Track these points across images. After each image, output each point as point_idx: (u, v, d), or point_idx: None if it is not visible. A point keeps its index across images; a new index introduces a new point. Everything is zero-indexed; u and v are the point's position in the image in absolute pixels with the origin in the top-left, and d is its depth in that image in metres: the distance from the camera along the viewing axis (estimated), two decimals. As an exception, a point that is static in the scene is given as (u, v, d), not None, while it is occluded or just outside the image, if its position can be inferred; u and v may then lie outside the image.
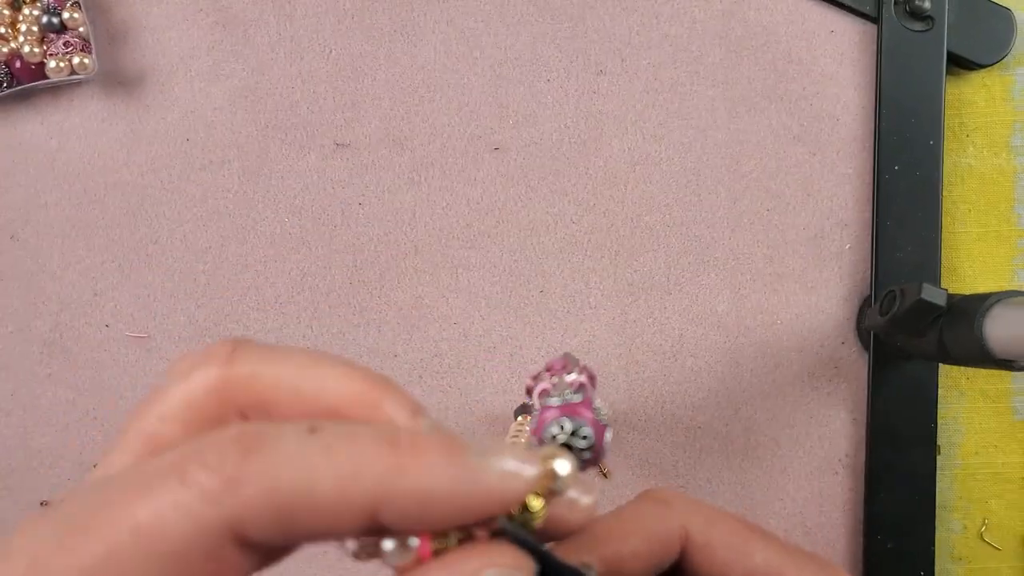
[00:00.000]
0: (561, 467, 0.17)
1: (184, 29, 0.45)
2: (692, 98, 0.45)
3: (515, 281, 0.45)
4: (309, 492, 0.15)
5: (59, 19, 0.43)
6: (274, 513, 0.15)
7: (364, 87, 0.45)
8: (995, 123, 0.45)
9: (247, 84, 0.45)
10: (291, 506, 0.15)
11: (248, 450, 0.15)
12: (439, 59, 0.45)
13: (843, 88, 0.45)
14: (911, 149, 0.43)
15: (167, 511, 0.15)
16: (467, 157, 0.45)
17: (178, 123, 0.45)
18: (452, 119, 0.45)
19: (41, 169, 0.45)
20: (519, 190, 0.45)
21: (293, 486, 0.15)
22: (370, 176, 0.45)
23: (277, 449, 0.16)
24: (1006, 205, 0.45)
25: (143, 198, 0.45)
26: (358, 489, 0.16)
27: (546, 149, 0.45)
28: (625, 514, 0.21)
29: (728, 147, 0.45)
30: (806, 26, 0.45)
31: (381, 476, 0.16)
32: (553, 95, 0.45)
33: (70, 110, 0.45)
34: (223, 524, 0.15)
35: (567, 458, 0.17)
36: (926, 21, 0.43)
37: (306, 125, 0.45)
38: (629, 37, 0.45)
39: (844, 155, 0.45)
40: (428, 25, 0.45)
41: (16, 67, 0.43)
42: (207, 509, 0.15)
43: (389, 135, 0.45)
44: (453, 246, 0.45)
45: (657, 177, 0.45)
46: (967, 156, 0.45)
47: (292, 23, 0.45)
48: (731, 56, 0.45)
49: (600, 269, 0.45)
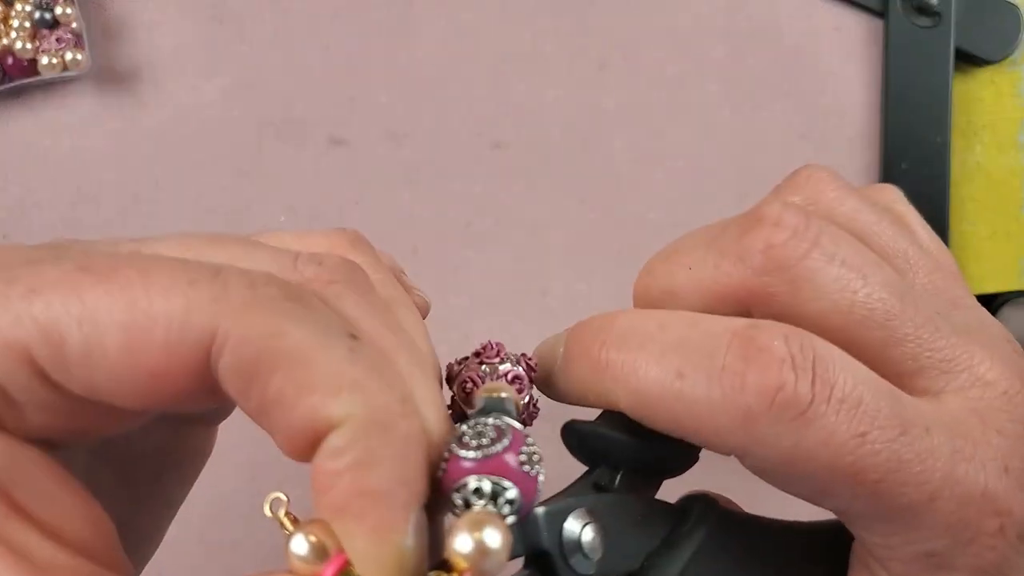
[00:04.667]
0: (491, 539, 0.14)
1: (179, 25, 0.44)
2: (696, 94, 0.44)
3: (516, 281, 0.44)
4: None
5: (52, 15, 0.42)
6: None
7: (361, 83, 0.44)
8: (1003, 120, 0.45)
9: (242, 80, 0.44)
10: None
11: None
12: (438, 54, 0.44)
13: (849, 85, 0.44)
14: (918, 147, 0.43)
15: None
16: (467, 154, 0.44)
17: (172, 119, 0.44)
18: (451, 115, 0.44)
19: (33, 167, 0.44)
20: (520, 188, 0.44)
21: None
22: (367, 174, 0.44)
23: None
24: (1015, 204, 0.45)
25: (137, 196, 0.44)
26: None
27: (547, 146, 0.44)
28: None
29: (733, 144, 0.44)
30: (812, 22, 0.44)
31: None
32: (554, 91, 0.44)
33: (63, 107, 0.44)
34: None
35: (498, 528, 0.14)
36: (933, 17, 0.43)
37: (302, 122, 0.44)
38: (632, 32, 0.44)
39: (850, 152, 0.44)
40: (427, 20, 0.44)
41: (8, 63, 0.42)
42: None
43: (387, 132, 0.44)
44: (453, 245, 0.44)
45: (660, 174, 0.44)
46: (975, 154, 0.45)
47: (288, 18, 0.44)
48: (736, 52, 0.44)
49: (603, 269, 0.44)
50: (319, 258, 0.17)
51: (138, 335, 0.14)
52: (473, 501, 0.15)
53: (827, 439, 0.16)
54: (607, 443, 0.19)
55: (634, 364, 0.18)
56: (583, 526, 0.17)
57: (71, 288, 0.15)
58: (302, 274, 0.17)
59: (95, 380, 0.15)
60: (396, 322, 0.17)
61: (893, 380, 0.17)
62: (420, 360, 0.17)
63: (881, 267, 0.18)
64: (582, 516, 0.17)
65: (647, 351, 0.18)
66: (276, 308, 0.15)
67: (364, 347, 0.16)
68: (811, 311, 0.18)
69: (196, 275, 0.15)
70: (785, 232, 0.18)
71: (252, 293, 0.15)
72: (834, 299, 0.18)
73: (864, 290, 0.18)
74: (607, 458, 0.19)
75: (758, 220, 0.18)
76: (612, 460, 0.19)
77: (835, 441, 0.16)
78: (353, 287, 0.17)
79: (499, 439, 0.16)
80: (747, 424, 0.16)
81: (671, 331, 0.18)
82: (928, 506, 0.16)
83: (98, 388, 0.15)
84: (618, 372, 0.18)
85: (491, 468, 0.15)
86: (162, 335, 0.14)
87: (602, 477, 0.19)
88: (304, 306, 0.15)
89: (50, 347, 0.14)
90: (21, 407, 0.15)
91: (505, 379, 0.19)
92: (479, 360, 0.20)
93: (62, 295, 0.14)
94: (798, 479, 0.17)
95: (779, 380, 0.16)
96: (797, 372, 0.16)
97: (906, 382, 0.18)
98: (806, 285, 0.18)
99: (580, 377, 0.19)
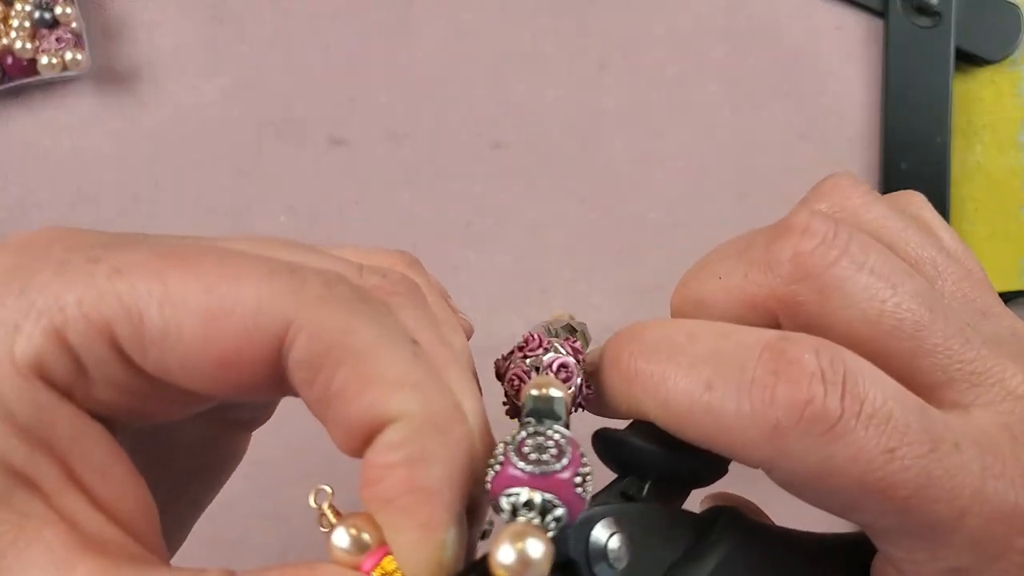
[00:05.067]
0: (534, 550, 0.14)
1: (178, 24, 0.44)
2: (696, 94, 0.44)
3: (516, 281, 0.44)
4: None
5: (51, 14, 0.42)
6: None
7: (361, 83, 0.44)
8: (1003, 120, 0.45)
9: (242, 80, 0.44)
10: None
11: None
12: (438, 54, 0.44)
13: (849, 85, 0.44)
14: (918, 147, 0.43)
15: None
16: (466, 154, 0.44)
17: (172, 119, 0.44)
18: (451, 115, 0.44)
19: (33, 167, 0.44)
20: (519, 188, 0.44)
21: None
22: (367, 174, 0.44)
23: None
24: (1015, 204, 0.45)
25: (137, 196, 0.44)
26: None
27: (547, 146, 0.44)
28: None
29: (733, 144, 0.44)
30: (812, 22, 0.44)
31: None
32: (554, 91, 0.44)
33: (62, 107, 0.44)
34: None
35: (542, 542, 0.14)
36: (933, 17, 0.43)
37: (302, 122, 0.44)
38: (631, 32, 0.44)
39: (850, 152, 0.44)
40: (427, 19, 0.44)
41: (7, 63, 0.42)
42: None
43: (386, 132, 0.44)
44: (452, 245, 0.44)
45: (660, 175, 0.44)
46: (975, 154, 0.45)
47: (288, 18, 0.44)
48: (736, 52, 0.44)
49: (603, 268, 0.44)
50: (382, 271, 0.18)
51: (215, 321, 0.15)
52: (521, 512, 0.15)
53: (856, 454, 0.16)
54: (636, 453, 0.19)
55: (663, 375, 0.18)
56: (610, 535, 0.17)
57: (153, 271, 0.15)
58: (367, 282, 0.17)
59: (169, 362, 0.15)
60: (447, 338, 0.18)
61: (922, 392, 0.17)
62: (467, 374, 0.18)
63: (911, 276, 0.18)
64: (609, 525, 0.17)
65: (676, 362, 0.18)
66: (349, 307, 0.16)
67: (423, 353, 0.16)
68: (840, 320, 0.18)
69: (274, 268, 0.16)
70: (814, 240, 0.18)
71: (327, 291, 0.16)
72: (863, 308, 0.17)
73: (893, 299, 0.17)
74: (636, 468, 0.19)
75: (787, 228, 0.18)
76: (641, 470, 0.19)
77: (864, 457, 0.16)
78: (412, 300, 0.18)
79: (559, 457, 0.16)
80: (775, 438, 0.16)
81: (701, 342, 0.18)
82: (957, 523, 0.16)
83: (171, 370, 0.15)
84: (647, 382, 0.18)
85: (547, 485, 0.15)
86: (238, 322, 0.15)
87: (630, 486, 0.19)
88: (373, 308, 0.16)
89: (131, 325, 0.15)
90: (93, 382, 0.16)
91: (551, 370, 0.19)
92: (523, 354, 0.20)
93: (145, 277, 0.15)
94: (826, 494, 0.17)
95: (808, 394, 0.16)
96: (827, 386, 0.16)
97: (935, 394, 0.17)
98: (835, 294, 0.18)
99: (611, 387, 0.19)
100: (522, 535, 0.14)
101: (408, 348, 0.16)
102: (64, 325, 0.15)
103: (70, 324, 0.15)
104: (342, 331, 0.15)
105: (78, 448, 0.15)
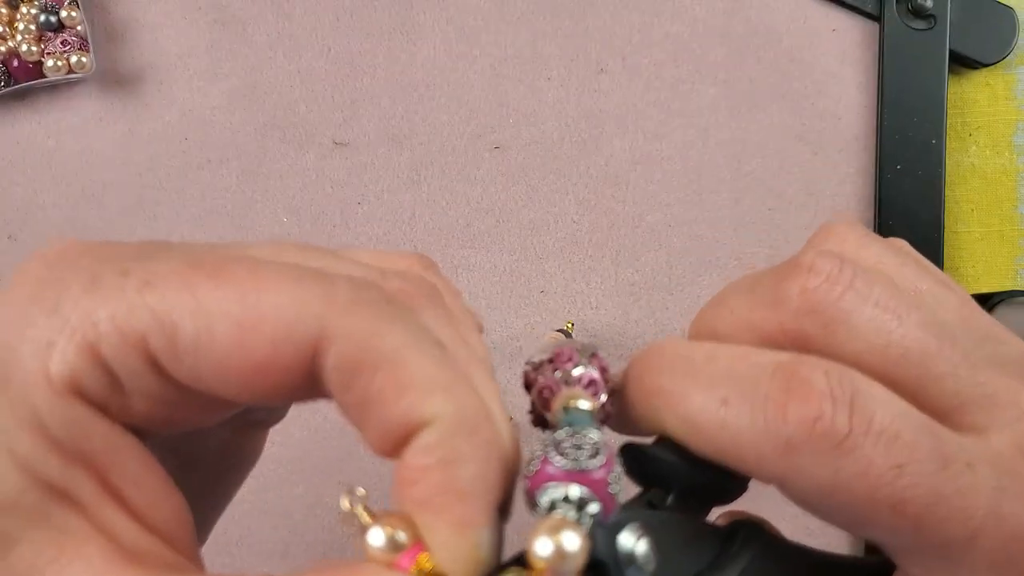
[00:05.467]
0: (570, 543, 0.15)
1: (182, 28, 0.44)
2: (694, 97, 0.45)
3: (515, 281, 0.45)
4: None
5: (57, 18, 0.42)
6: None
7: (363, 85, 0.44)
8: (998, 122, 0.45)
9: (245, 83, 0.44)
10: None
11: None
12: (439, 57, 0.44)
13: (845, 87, 0.44)
14: (913, 148, 0.43)
15: None
16: (467, 156, 0.45)
17: (176, 122, 0.44)
18: (452, 117, 0.44)
19: (39, 169, 0.44)
20: (519, 189, 0.45)
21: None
22: (369, 175, 0.45)
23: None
24: (1009, 205, 0.45)
25: (141, 198, 0.45)
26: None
27: (547, 148, 0.45)
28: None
29: (730, 146, 0.45)
30: (808, 25, 0.44)
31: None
32: (554, 93, 0.45)
33: (68, 109, 0.44)
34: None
35: (578, 535, 0.15)
36: (928, 20, 0.43)
37: (305, 124, 0.44)
38: (630, 35, 0.45)
39: (846, 154, 0.45)
40: (427, 23, 0.44)
41: (13, 66, 0.42)
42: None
43: (388, 134, 0.45)
44: (453, 246, 0.45)
45: (659, 176, 0.45)
46: (969, 155, 0.45)
47: (291, 21, 0.44)
48: (733, 55, 0.45)
49: (601, 269, 0.45)
50: (402, 274, 0.18)
51: (248, 329, 0.15)
52: (559, 506, 0.16)
53: (865, 470, 0.16)
54: (661, 465, 0.19)
55: (683, 391, 0.18)
56: (637, 539, 0.17)
57: (183, 282, 0.15)
58: (390, 285, 0.18)
59: (203, 371, 0.15)
60: (468, 338, 0.19)
61: (937, 418, 0.18)
62: (490, 374, 0.18)
63: (916, 307, 0.19)
64: (636, 530, 0.17)
65: (695, 379, 0.18)
66: (379, 311, 0.16)
67: (449, 355, 0.17)
68: (848, 352, 0.18)
69: (304, 274, 0.16)
70: (819, 277, 0.19)
71: (357, 296, 0.16)
72: (869, 340, 0.18)
73: (899, 330, 0.18)
74: (660, 480, 0.20)
75: (794, 267, 0.19)
76: (665, 482, 0.20)
77: (873, 472, 0.16)
78: (433, 303, 0.18)
79: (595, 456, 0.16)
80: (788, 453, 0.17)
81: (718, 361, 0.19)
82: (971, 542, 0.16)
83: (205, 379, 0.16)
84: (668, 398, 0.19)
85: (583, 481, 0.16)
86: (272, 330, 0.15)
87: (654, 498, 0.20)
88: (401, 312, 0.16)
89: (164, 337, 0.15)
90: (127, 394, 0.16)
91: (580, 384, 0.20)
92: (553, 367, 0.20)
93: (175, 288, 0.15)
94: (839, 509, 0.17)
95: (818, 411, 0.16)
96: (836, 405, 0.16)
97: (949, 419, 0.18)
98: (841, 327, 0.18)
99: (634, 403, 0.20)
100: (559, 528, 0.15)
101: (437, 351, 0.16)
102: (97, 340, 0.15)
103: (103, 339, 0.15)
104: (375, 336, 0.15)
105: (114, 461, 0.16)
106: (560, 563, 0.14)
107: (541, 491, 0.16)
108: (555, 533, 0.15)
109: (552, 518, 0.15)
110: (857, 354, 0.18)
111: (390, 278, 0.18)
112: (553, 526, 0.15)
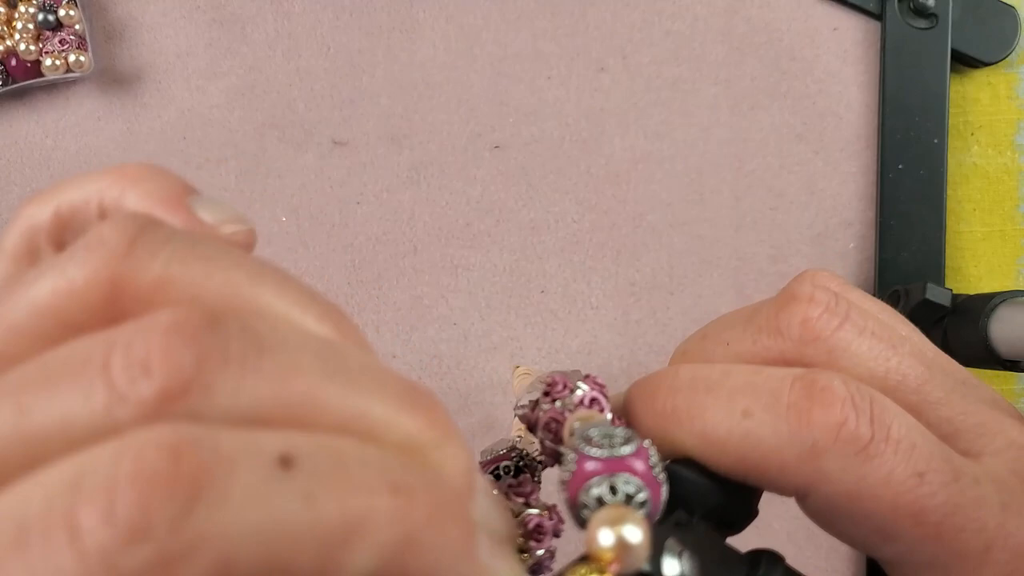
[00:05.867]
0: (632, 534, 0.14)
1: (181, 26, 0.44)
2: (694, 96, 0.44)
3: (515, 281, 0.44)
4: (277, 565, 0.11)
5: (55, 16, 0.42)
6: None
7: (362, 84, 0.44)
8: (1000, 121, 0.45)
9: (244, 82, 0.44)
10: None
11: (190, 499, 0.10)
12: (438, 56, 0.44)
13: (846, 86, 0.44)
14: (915, 147, 0.43)
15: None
16: (467, 155, 0.44)
17: (175, 121, 0.44)
18: (451, 117, 0.44)
19: (37, 168, 0.44)
20: (519, 189, 0.44)
21: (254, 555, 0.10)
22: (368, 174, 0.44)
23: (232, 496, 0.10)
24: (1011, 204, 0.45)
25: (139, 197, 0.44)
26: (347, 558, 0.11)
27: (547, 147, 0.44)
28: None
29: (731, 145, 0.44)
30: (809, 23, 0.44)
31: (381, 546, 0.11)
32: (554, 92, 0.44)
33: (66, 108, 0.44)
34: None
35: (638, 523, 0.14)
36: (930, 19, 0.43)
37: (304, 123, 0.44)
38: (631, 34, 0.44)
39: (848, 153, 0.44)
40: (427, 21, 0.44)
41: (11, 65, 0.42)
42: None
43: (388, 133, 0.44)
44: (453, 245, 0.44)
45: (659, 176, 0.44)
46: (971, 155, 0.45)
47: (290, 20, 0.44)
48: (734, 54, 0.44)
49: (602, 269, 0.44)
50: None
51: None
52: (607, 498, 0.15)
53: (888, 476, 0.16)
54: (684, 484, 0.19)
55: (701, 407, 0.19)
56: (679, 553, 0.17)
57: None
58: None
59: None
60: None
61: None
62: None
63: (906, 339, 0.19)
64: (675, 545, 0.17)
65: (714, 394, 0.19)
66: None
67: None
68: None
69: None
70: (819, 307, 0.19)
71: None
72: (869, 367, 0.19)
73: (895, 359, 0.19)
74: (682, 500, 0.20)
75: (793, 298, 0.20)
76: (687, 502, 0.20)
77: (895, 479, 0.16)
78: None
79: (628, 442, 0.16)
80: (813, 459, 0.17)
81: (735, 376, 0.19)
82: (984, 556, 0.17)
83: None
84: (683, 416, 0.19)
85: (621, 468, 0.16)
86: None
87: (680, 518, 0.20)
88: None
89: None
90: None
91: (583, 405, 0.19)
92: (551, 399, 0.20)
93: None
94: (861, 518, 0.17)
95: (842, 415, 0.17)
96: (857, 410, 0.17)
97: (947, 443, 0.18)
98: (842, 355, 0.19)
99: (644, 425, 0.20)
100: (618, 519, 0.14)
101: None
102: None
103: None
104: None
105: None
106: (625, 554, 0.14)
107: (584, 489, 0.16)
108: (616, 523, 0.14)
109: (607, 509, 0.15)
110: (860, 380, 0.18)
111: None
112: (612, 517, 0.14)
